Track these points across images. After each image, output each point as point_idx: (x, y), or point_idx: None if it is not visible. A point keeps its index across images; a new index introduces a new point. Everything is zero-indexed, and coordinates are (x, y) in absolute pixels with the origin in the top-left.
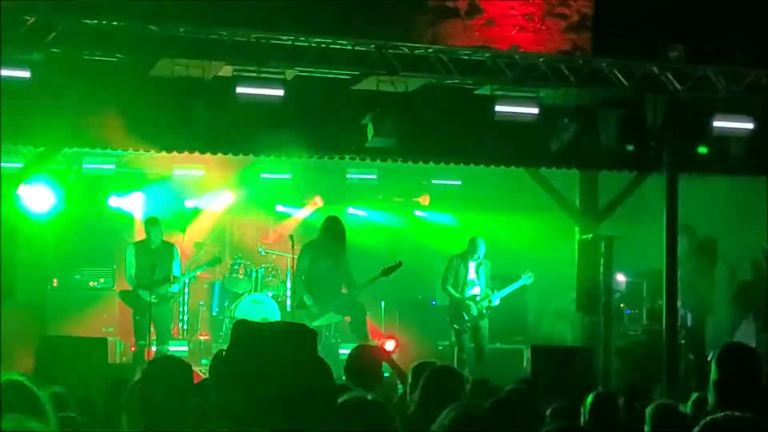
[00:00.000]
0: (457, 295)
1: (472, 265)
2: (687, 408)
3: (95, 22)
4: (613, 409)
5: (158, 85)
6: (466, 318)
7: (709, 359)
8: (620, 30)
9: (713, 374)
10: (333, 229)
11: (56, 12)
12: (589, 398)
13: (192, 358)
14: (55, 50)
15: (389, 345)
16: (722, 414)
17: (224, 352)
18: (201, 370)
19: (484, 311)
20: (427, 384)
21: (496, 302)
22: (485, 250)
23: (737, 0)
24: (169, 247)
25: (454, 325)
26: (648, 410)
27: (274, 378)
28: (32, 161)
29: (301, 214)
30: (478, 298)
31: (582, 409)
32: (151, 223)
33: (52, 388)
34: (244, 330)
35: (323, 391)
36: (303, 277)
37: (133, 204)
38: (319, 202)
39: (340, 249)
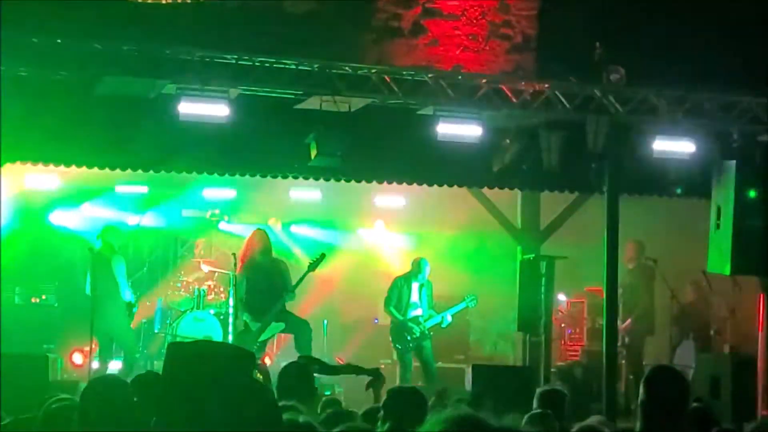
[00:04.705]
0: (400, 317)
1: (415, 286)
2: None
3: (38, 40)
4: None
5: (102, 103)
6: (409, 339)
7: None
8: (563, 52)
9: (641, 396)
10: (260, 243)
11: None
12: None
13: (131, 375)
14: None
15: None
16: None
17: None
18: None
19: (426, 332)
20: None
21: (449, 320)
22: (429, 271)
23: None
24: (112, 257)
25: (397, 345)
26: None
27: (211, 402)
28: None
29: (246, 231)
30: (420, 320)
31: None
32: (104, 232)
33: None
34: (178, 352)
35: (264, 414)
36: (243, 296)
37: (75, 220)
38: (275, 222)
39: (270, 259)
